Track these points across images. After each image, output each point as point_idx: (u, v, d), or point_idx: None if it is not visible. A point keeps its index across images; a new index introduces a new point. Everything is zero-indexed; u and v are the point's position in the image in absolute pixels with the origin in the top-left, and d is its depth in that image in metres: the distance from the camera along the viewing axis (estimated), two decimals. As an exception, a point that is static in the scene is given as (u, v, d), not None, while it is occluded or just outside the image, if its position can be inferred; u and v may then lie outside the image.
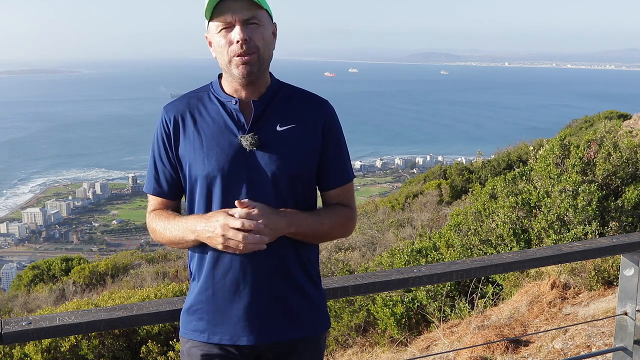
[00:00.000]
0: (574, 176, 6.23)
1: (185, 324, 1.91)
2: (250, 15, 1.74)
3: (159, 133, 1.90)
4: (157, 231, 1.89)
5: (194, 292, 1.89)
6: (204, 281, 1.86)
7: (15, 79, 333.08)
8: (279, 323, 1.85)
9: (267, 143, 1.81)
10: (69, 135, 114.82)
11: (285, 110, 1.86)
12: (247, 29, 1.75)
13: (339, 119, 1.95)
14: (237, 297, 1.82)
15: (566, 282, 5.26)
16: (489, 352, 4.27)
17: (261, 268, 1.81)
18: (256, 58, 1.76)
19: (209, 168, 1.80)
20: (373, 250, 11.43)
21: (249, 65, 1.76)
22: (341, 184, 1.95)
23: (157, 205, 1.96)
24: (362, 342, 5.80)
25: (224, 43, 1.76)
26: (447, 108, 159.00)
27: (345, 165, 1.95)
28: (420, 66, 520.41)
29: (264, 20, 1.78)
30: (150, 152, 1.94)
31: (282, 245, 1.81)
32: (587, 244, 2.85)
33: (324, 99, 1.94)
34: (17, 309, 11.72)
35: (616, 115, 24.89)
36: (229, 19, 1.74)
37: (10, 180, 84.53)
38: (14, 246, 61.83)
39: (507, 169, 16.94)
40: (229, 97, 1.85)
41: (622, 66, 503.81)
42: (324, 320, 1.96)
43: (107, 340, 5.25)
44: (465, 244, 6.28)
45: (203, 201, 1.84)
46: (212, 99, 1.87)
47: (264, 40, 1.77)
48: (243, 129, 1.81)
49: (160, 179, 1.92)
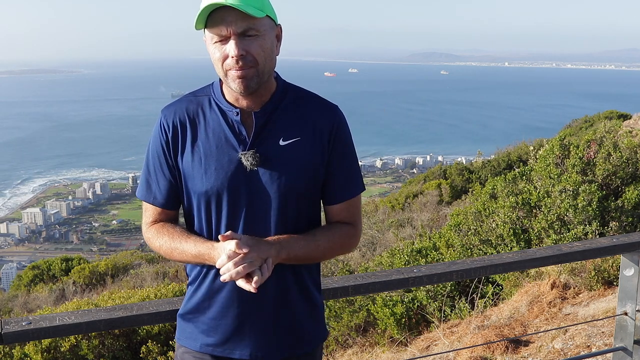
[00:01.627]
0: (574, 176, 6.23)
1: (180, 329, 1.87)
2: (247, 26, 1.59)
3: (157, 139, 1.77)
4: (162, 249, 1.78)
5: (192, 299, 1.83)
6: (203, 292, 1.80)
7: (15, 79, 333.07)
8: (275, 339, 1.79)
9: (269, 160, 1.70)
10: (69, 136, 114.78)
11: (289, 119, 1.74)
12: (244, 42, 1.61)
13: (348, 127, 1.82)
14: (233, 311, 1.77)
15: (566, 282, 5.26)
16: (489, 352, 4.27)
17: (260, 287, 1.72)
18: (254, 72, 1.63)
19: (207, 185, 1.70)
20: (373, 250, 11.43)
21: (246, 79, 1.64)
22: (347, 199, 1.82)
23: (155, 216, 1.82)
24: (362, 342, 5.80)
25: (219, 57, 1.64)
26: (452, 108, 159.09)
27: (352, 177, 1.82)
28: (420, 66, 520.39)
29: (263, 28, 1.63)
30: (146, 157, 1.81)
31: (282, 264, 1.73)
32: (587, 244, 2.85)
33: (333, 105, 1.81)
34: (17, 309, 11.72)
35: (616, 115, 24.90)
36: (223, 32, 1.60)
37: (10, 180, 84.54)
38: (14, 246, 61.85)
39: (507, 169, 16.94)
40: (230, 106, 1.72)
41: (622, 66, 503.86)
42: (321, 332, 1.90)
43: (107, 340, 5.25)
44: (465, 244, 6.28)
45: (202, 218, 1.76)
46: (212, 106, 1.75)
47: (263, 52, 1.64)
48: (244, 144, 1.70)
49: (160, 187, 1.79)
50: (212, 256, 1.66)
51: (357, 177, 1.84)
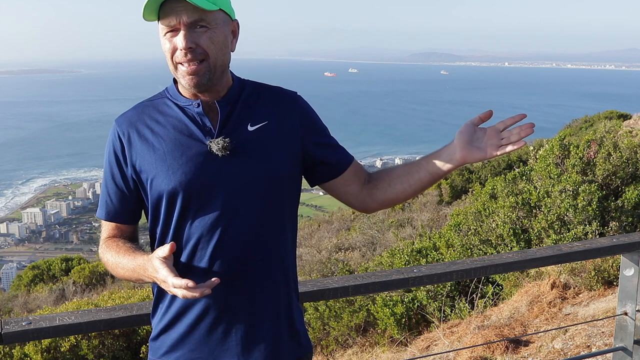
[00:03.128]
0: (574, 176, 6.23)
1: (153, 350, 1.72)
2: (197, 17, 1.54)
3: (110, 149, 1.67)
4: (109, 265, 1.67)
5: (165, 317, 1.67)
6: (176, 308, 1.65)
7: (15, 79, 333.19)
8: (257, 349, 1.66)
9: (240, 146, 1.61)
10: (69, 136, 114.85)
11: (253, 107, 1.68)
12: (193, 34, 1.55)
13: (312, 109, 1.78)
14: (211, 321, 1.64)
15: (566, 282, 5.26)
16: (489, 352, 4.27)
17: (242, 287, 1.63)
18: (205, 67, 1.56)
19: (175, 182, 1.58)
20: (373, 250, 11.43)
21: (197, 75, 1.57)
22: (351, 158, 1.79)
23: (110, 231, 1.72)
24: (362, 342, 5.81)
25: (169, 48, 1.58)
26: (452, 108, 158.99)
27: (340, 147, 1.79)
28: (420, 66, 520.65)
29: (215, 22, 1.57)
30: (103, 173, 1.72)
31: (265, 264, 1.65)
32: (587, 244, 2.85)
33: (292, 92, 1.77)
34: (17, 309, 11.73)
35: (616, 115, 24.90)
36: (173, 22, 1.54)
37: (10, 180, 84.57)
38: (14, 246, 61.85)
39: (507, 169, 16.94)
40: (189, 100, 1.64)
41: (622, 66, 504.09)
42: (301, 345, 1.77)
43: (107, 340, 5.25)
44: (465, 244, 6.28)
45: (171, 220, 1.62)
46: (170, 106, 1.66)
47: (214, 45, 1.57)
48: (210, 134, 1.60)
49: (113, 201, 1.69)
50: (146, 268, 1.52)
51: (344, 149, 1.81)
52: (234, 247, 1.60)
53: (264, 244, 1.64)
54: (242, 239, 1.61)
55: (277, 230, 1.67)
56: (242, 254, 1.61)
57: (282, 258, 1.69)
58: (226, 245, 1.59)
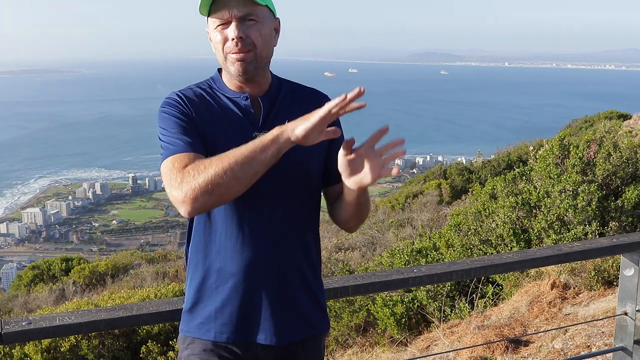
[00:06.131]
0: (574, 176, 6.23)
1: (185, 322, 1.83)
2: (247, 11, 1.70)
3: (179, 107, 1.72)
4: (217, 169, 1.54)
5: (195, 284, 1.80)
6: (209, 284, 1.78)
7: (15, 79, 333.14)
8: (287, 323, 1.79)
9: None
10: (69, 135, 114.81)
11: (292, 104, 1.83)
12: (244, 26, 1.71)
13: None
14: (241, 297, 1.76)
15: (566, 282, 5.26)
16: (489, 352, 4.27)
17: (273, 265, 1.76)
18: (252, 56, 1.72)
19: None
20: (373, 250, 11.43)
21: (245, 62, 1.72)
22: None
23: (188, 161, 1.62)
24: (362, 342, 5.81)
25: (220, 40, 1.73)
26: (453, 107, 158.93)
27: None
28: (420, 66, 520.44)
29: (262, 16, 1.73)
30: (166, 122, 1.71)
31: (294, 246, 1.80)
32: (587, 244, 2.85)
33: (324, 94, 1.91)
34: (17, 309, 11.72)
35: (616, 115, 24.88)
36: (225, 16, 1.71)
37: (10, 180, 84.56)
38: (14, 246, 61.83)
39: (507, 169, 16.94)
40: (237, 93, 1.78)
41: (622, 66, 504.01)
42: (326, 321, 1.94)
43: (107, 340, 5.25)
44: (465, 244, 6.28)
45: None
46: (218, 95, 1.79)
47: (261, 37, 1.73)
48: (255, 126, 1.75)
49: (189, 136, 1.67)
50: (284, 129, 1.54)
51: None
52: (271, 230, 1.76)
53: (297, 229, 1.81)
54: (278, 222, 1.77)
55: (309, 218, 1.86)
56: (279, 236, 1.77)
57: (311, 243, 1.87)
58: (264, 226, 1.75)
